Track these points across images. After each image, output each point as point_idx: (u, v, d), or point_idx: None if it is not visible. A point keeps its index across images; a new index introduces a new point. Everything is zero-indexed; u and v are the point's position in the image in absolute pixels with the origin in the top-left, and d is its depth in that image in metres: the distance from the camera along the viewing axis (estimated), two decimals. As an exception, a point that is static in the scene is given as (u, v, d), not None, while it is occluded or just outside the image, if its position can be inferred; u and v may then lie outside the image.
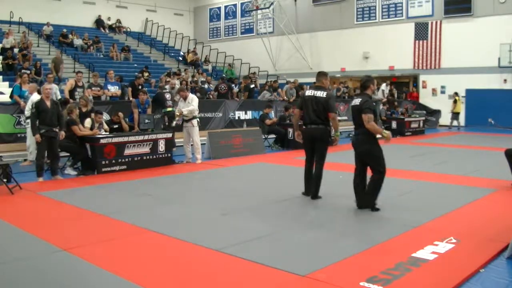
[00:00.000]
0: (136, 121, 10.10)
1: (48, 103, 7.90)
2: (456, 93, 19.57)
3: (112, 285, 3.61)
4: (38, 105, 7.80)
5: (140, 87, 12.44)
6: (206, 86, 16.58)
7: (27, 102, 9.20)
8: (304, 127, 6.44)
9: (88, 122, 9.09)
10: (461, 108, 19.30)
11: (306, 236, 4.81)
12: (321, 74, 6.50)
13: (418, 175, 8.29)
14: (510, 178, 7.11)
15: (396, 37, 21.22)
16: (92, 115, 9.30)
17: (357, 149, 5.79)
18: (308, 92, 6.42)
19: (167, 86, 13.32)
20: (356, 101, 5.77)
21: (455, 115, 19.25)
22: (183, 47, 25.36)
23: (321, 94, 6.23)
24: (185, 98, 9.99)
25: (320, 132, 6.24)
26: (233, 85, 17.87)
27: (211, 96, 16.04)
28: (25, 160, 9.45)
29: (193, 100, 9.97)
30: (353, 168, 5.98)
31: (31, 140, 8.84)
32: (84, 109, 9.48)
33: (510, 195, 6.75)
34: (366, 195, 5.72)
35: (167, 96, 11.60)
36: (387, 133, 5.78)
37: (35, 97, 8.60)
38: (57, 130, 7.97)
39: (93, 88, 11.75)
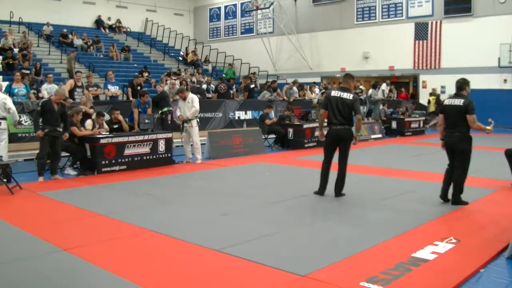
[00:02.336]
0: (136, 121, 10.09)
1: (55, 106, 7.98)
2: (430, 94, 19.72)
3: (112, 285, 3.61)
4: (44, 105, 7.91)
5: (139, 87, 12.42)
6: (204, 86, 16.51)
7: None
8: (328, 127, 6.53)
9: (89, 123, 9.10)
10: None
11: (306, 236, 4.82)
12: (348, 76, 6.72)
13: (418, 175, 8.28)
14: (510, 178, 7.11)
15: (396, 37, 21.19)
16: (93, 115, 9.32)
17: (453, 146, 6.00)
18: (334, 93, 6.52)
19: (166, 87, 13.33)
20: (455, 101, 5.96)
21: (432, 115, 19.51)
22: (183, 47, 25.36)
23: (347, 96, 6.39)
24: (184, 99, 9.99)
25: (347, 132, 6.45)
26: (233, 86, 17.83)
27: (210, 96, 16.01)
28: None
29: (194, 101, 9.95)
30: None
31: None
32: (83, 108, 9.50)
33: (510, 195, 6.76)
34: (457, 193, 5.97)
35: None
36: (489, 128, 6.20)
37: None
38: (60, 130, 8.05)
39: (89, 89, 11.75)
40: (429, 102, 19.73)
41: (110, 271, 3.82)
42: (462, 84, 6.08)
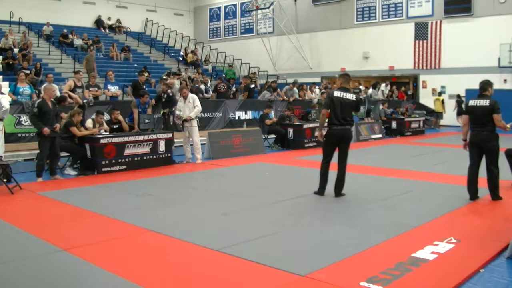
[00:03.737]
0: (136, 121, 10.09)
1: (50, 104, 7.95)
2: (439, 93, 19.79)
3: (112, 285, 3.61)
4: (42, 106, 7.83)
5: (143, 86, 12.45)
6: (202, 86, 16.43)
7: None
8: (329, 127, 6.54)
9: (89, 122, 9.11)
10: (442, 108, 19.59)
11: (306, 236, 4.82)
12: (347, 76, 6.79)
13: (418, 175, 8.28)
14: (510, 178, 7.11)
15: (396, 37, 21.20)
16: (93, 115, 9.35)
17: (483, 145, 6.17)
18: (336, 93, 6.52)
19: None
20: (481, 102, 6.19)
21: (436, 115, 19.55)
22: (183, 47, 25.35)
23: (350, 96, 6.45)
24: (185, 98, 10.00)
25: (348, 133, 6.52)
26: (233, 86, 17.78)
27: (208, 96, 15.96)
28: None
29: (195, 101, 9.98)
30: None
31: None
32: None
33: (510, 195, 6.75)
34: (496, 189, 6.21)
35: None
36: (508, 126, 6.38)
37: None
38: (57, 129, 8.01)
39: (90, 89, 11.75)
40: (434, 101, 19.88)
41: (110, 271, 3.82)
42: (485, 85, 6.30)
